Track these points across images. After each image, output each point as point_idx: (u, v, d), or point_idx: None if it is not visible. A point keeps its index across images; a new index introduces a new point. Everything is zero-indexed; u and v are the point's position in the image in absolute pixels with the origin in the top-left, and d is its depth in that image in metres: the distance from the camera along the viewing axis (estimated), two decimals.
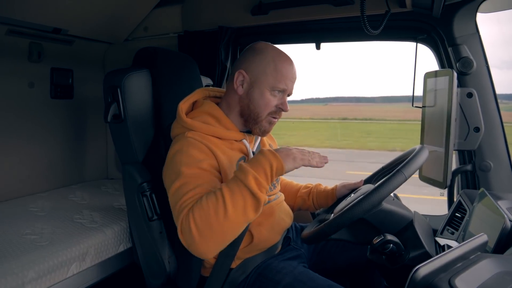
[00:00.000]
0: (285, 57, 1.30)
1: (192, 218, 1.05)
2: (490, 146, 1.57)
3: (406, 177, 1.05)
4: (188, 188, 1.13)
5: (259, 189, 1.07)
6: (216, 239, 1.06)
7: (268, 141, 1.51)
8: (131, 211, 1.45)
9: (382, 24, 1.46)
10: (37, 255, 1.38)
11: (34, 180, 2.17)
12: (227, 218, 1.04)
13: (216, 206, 1.05)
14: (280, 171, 1.10)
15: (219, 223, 1.04)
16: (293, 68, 1.30)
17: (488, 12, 1.64)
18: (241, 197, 1.06)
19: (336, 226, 1.07)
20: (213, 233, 1.05)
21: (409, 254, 1.09)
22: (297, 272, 1.26)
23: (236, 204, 1.05)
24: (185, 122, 1.27)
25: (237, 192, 1.06)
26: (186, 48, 2.09)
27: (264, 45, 1.32)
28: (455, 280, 0.71)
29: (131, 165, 1.44)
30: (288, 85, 1.28)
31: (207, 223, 1.04)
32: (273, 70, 1.26)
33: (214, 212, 1.04)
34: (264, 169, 1.08)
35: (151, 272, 1.43)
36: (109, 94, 1.43)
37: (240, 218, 1.06)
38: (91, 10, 1.94)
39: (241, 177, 1.07)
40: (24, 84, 2.09)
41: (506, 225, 1.02)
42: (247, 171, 1.07)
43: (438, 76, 1.52)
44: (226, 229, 1.06)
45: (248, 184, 1.05)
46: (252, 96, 1.28)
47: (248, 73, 1.28)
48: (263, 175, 1.08)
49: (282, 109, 1.30)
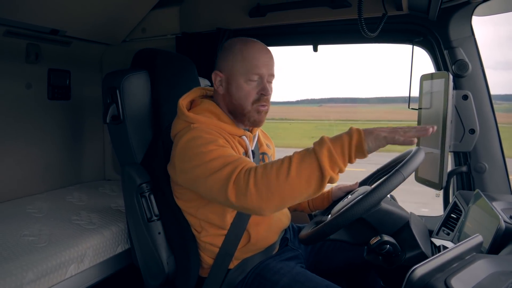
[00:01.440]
0: (251, 44, 1.30)
1: (254, 176, 1.03)
2: (485, 147, 1.59)
3: (405, 177, 1.05)
4: (222, 155, 1.11)
5: (330, 165, 1.01)
6: (273, 199, 1.03)
7: (265, 141, 1.52)
8: (130, 212, 1.45)
9: (379, 26, 1.48)
10: (36, 256, 1.38)
11: (32, 181, 2.17)
12: (288, 182, 1.00)
13: (279, 167, 1.02)
14: (360, 148, 1.02)
15: (278, 184, 1.01)
16: (263, 53, 1.29)
17: (483, 16, 1.66)
18: (309, 168, 1.01)
19: (336, 226, 1.08)
20: (270, 193, 1.01)
21: (406, 254, 1.10)
22: (295, 272, 1.27)
23: (301, 172, 1.01)
24: (188, 116, 1.26)
25: (306, 161, 1.01)
26: (184, 49, 2.09)
27: (233, 40, 1.34)
28: (451, 280, 0.72)
29: (130, 166, 1.44)
30: (262, 70, 1.27)
31: (267, 181, 1.01)
32: (242, 60, 1.27)
33: (275, 172, 1.01)
34: (342, 143, 1.02)
35: (150, 273, 1.44)
36: (108, 95, 1.43)
37: (303, 187, 1.02)
38: (88, 11, 1.94)
39: (316, 147, 1.02)
40: (21, 85, 2.08)
41: (501, 226, 1.04)
42: (323, 142, 1.02)
43: (434, 79, 1.54)
44: (284, 192, 1.02)
45: (319, 157, 1.00)
46: (231, 92, 1.30)
47: (222, 71, 1.31)
48: (339, 149, 1.01)
49: (264, 95, 1.29)
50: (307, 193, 1.03)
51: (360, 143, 1.01)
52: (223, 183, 1.07)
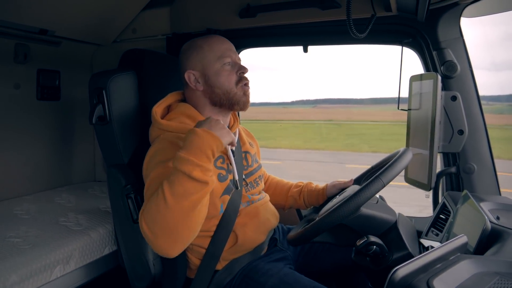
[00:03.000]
0: (210, 36, 1.38)
1: (143, 218, 1.04)
2: (473, 148, 1.59)
3: (384, 183, 1.05)
4: (150, 192, 1.12)
5: (198, 172, 1.03)
6: (168, 234, 1.03)
7: (248, 140, 1.52)
8: (116, 213, 1.44)
9: (368, 27, 1.48)
10: (20, 258, 1.36)
11: (20, 183, 2.14)
12: (168, 208, 1.01)
13: (156, 200, 1.03)
14: (220, 148, 1.10)
15: (162, 216, 1.01)
16: (223, 40, 1.37)
17: (472, 17, 1.66)
18: (179, 183, 1.02)
19: (315, 231, 1.08)
20: (162, 229, 1.02)
21: (393, 255, 1.10)
22: (283, 273, 1.27)
23: (174, 191, 1.02)
24: (161, 124, 1.28)
25: (174, 180, 1.03)
26: (174, 50, 2.08)
27: (190, 41, 1.39)
28: (434, 280, 0.72)
29: (116, 167, 1.43)
30: (230, 54, 1.33)
31: (152, 219, 1.02)
32: (209, 50, 1.32)
33: (155, 206, 1.02)
34: (205, 153, 1.06)
35: (136, 275, 1.42)
36: (95, 96, 1.42)
37: (183, 204, 1.02)
38: (78, 11, 1.93)
39: (175, 164, 1.05)
40: (9, 85, 2.06)
41: (487, 227, 1.03)
42: (177, 157, 1.05)
43: (423, 80, 1.54)
44: (171, 221, 1.02)
45: (182, 169, 1.03)
46: (211, 82, 1.32)
47: (194, 69, 1.33)
48: (204, 158, 1.06)
49: (243, 72, 1.33)
50: (192, 207, 1.03)
51: (221, 145, 1.10)
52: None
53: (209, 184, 1.06)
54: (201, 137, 1.07)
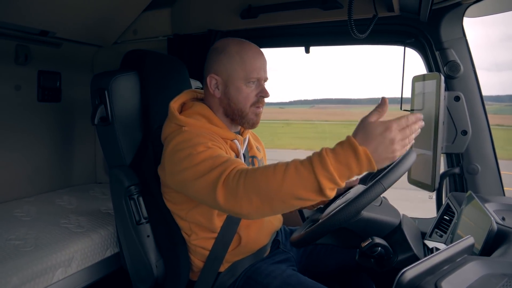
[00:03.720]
0: (248, 47, 1.29)
1: (243, 180, 0.97)
2: (477, 149, 1.58)
3: (385, 188, 1.00)
4: (212, 156, 1.07)
5: (329, 187, 0.92)
6: (262, 206, 0.97)
7: (255, 144, 1.51)
8: (118, 215, 1.43)
9: (369, 28, 1.47)
10: (21, 261, 1.35)
11: (20, 185, 2.13)
12: (280, 192, 0.93)
13: (273, 174, 0.94)
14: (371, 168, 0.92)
15: (268, 191, 0.94)
16: (259, 55, 1.29)
17: (474, 17, 1.66)
18: (304, 183, 0.92)
19: (317, 234, 1.07)
20: (259, 199, 0.96)
21: (398, 257, 1.09)
22: (286, 275, 1.26)
23: (294, 185, 0.93)
24: (179, 119, 1.25)
25: (303, 175, 0.92)
26: (175, 51, 2.08)
27: (226, 41, 1.32)
28: (442, 283, 0.71)
29: (118, 168, 1.42)
30: (260, 73, 1.28)
31: (257, 186, 0.95)
32: (241, 63, 1.26)
33: (267, 179, 0.94)
34: (349, 168, 0.91)
35: (139, 277, 1.42)
36: (96, 96, 1.41)
37: (292, 200, 0.95)
38: (79, 12, 1.92)
39: (315, 164, 0.91)
40: (10, 87, 2.05)
41: (493, 228, 1.03)
42: (325, 163, 0.90)
43: (426, 80, 1.53)
44: (274, 201, 0.95)
45: (319, 179, 0.91)
46: (230, 95, 1.28)
47: (219, 74, 1.28)
48: (344, 172, 0.91)
49: (263, 96, 1.30)
50: (297, 205, 0.98)
51: (371, 167, 0.91)
52: (212, 185, 1.03)
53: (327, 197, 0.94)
54: (360, 158, 0.90)
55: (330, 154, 0.91)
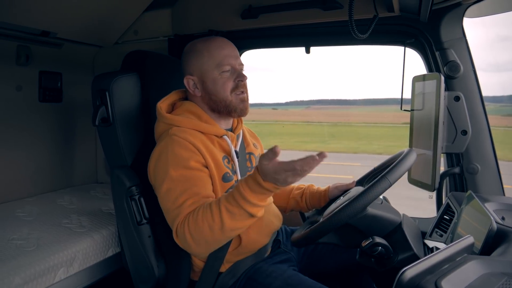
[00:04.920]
0: (213, 39, 1.35)
1: (188, 229, 1.12)
2: (477, 149, 1.59)
3: (391, 183, 1.05)
4: (176, 193, 1.17)
5: (258, 211, 1.11)
6: (211, 246, 1.18)
7: (252, 141, 1.51)
8: (120, 215, 1.43)
9: (370, 28, 1.48)
10: (24, 260, 1.35)
11: (22, 185, 2.14)
12: (223, 235, 1.12)
13: (212, 223, 1.10)
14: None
15: (213, 236, 1.12)
16: (225, 45, 1.34)
17: (474, 17, 1.66)
18: (241, 220, 1.11)
19: (321, 232, 1.08)
20: (207, 244, 1.15)
21: (398, 256, 1.10)
22: (287, 275, 1.26)
23: (234, 226, 1.11)
24: (167, 118, 1.29)
25: (236, 213, 1.09)
26: (176, 51, 2.08)
27: (192, 42, 1.38)
28: (442, 282, 0.72)
29: (119, 169, 1.42)
30: (230, 60, 1.31)
31: (201, 236, 1.12)
32: (208, 56, 1.31)
33: (209, 228, 1.10)
34: (265, 195, 1.10)
35: (140, 277, 1.42)
36: (97, 97, 1.42)
37: (236, 233, 1.17)
38: (80, 13, 1.92)
39: (240, 202, 1.08)
40: (11, 87, 2.05)
41: (492, 227, 1.03)
42: (248, 200, 1.08)
43: (426, 80, 1.54)
44: (221, 241, 1.17)
45: (248, 210, 1.09)
46: (208, 89, 1.32)
47: (193, 74, 1.33)
48: (264, 200, 1.11)
49: (241, 80, 1.32)
50: (236, 234, 1.20)
51: (278, 189, 1.09)
52: (170, 223, 1.21)
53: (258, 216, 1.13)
54: (266, 188, 1.07)
55: (246, 188, 1.08)
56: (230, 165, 1.31)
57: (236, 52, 1.36)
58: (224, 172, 1.28)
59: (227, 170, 1.29)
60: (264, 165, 1.03)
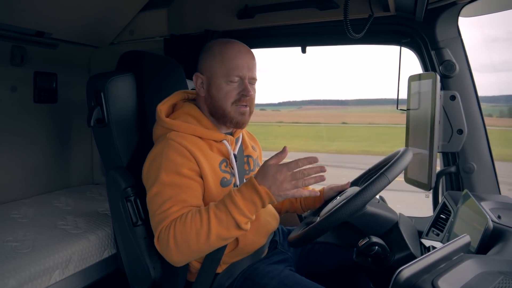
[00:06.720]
0: (231, 45, 1.29)
1: (173, 233, 1.10)
2: (473, 148, 1.59)
3: (390, 180, 1.06)
4: (164, 197, 1.16)
5: (246, 223, 1.11)
6: (190, 255, 1.15)
7: (251, 143, 1.51)
8: (115, 216, 1.42)
9: (365, 28, 1.48)
10: (18, 262, 1.35)
11: (17, 186, 2.13)
12: (209, 244, 1.10)
13: (200, 230, 1.08)
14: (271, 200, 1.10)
15: (198, 245, 1.09)
16: (242, 54, 1.28)
17: (470, 16, 1.67)
18: (227, 230, 1.09)
19: (321, 230, 1.07)
20: (189, 251, 1.11)
21: (395, 256, 1.10)
22: (283, 275, 1.26)
23: (221, 236, 1.09)
24: (165, 122, 1.28)
25: (223, 222, 1.08)
26: (172, 51, 2.08)
27: (213, 41, 1.34)
28: (438, 281, 0.71)
29: (115, 169, 1.41)
30: (242, 71, 1.27)
31: (186, 242, 1.09)
32: (221, 61, 1.27)
33: (196, 235, 1.08)
34: (255, 206, 1.09)
35: (136, 278, 1.41)
36: (92, 98, 1.41)
37: (222, 243, 1.14)
38: (75, 13, 1.92)
39: (232, 211, 1.08)
40: (6, 88, 2.04)
41: (489, 226, 1.03)
42: (238, 206, 1.08)
43: (422, 79, 1.54)
44: (204, 250, 1.14)
45: (237, 220, 1.08)
46: (212, 93, 1.29)
47: (203, 73, 1.31)
48: (253, 210, 1.10)
49: (244, 95, 1.28)
50: (220, 245, 1.16)
51: (271, 200, 1.09)
52: (154, 227, 1.17)
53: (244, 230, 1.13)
54: (260, 193, 1.08)
55: (237, 194, 1.08)
56: (228, 168, 1.30)
57: (253, 62, 1.30)
58: (222, 177, 1.27)
59: (225, 175, 1.28)
60: (268, 165, 1.03)
